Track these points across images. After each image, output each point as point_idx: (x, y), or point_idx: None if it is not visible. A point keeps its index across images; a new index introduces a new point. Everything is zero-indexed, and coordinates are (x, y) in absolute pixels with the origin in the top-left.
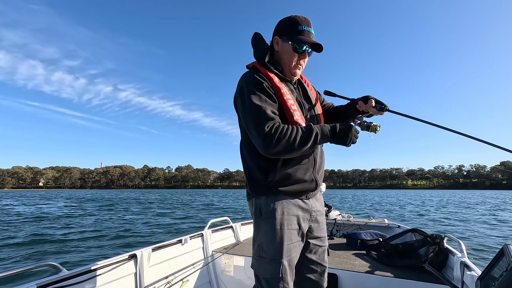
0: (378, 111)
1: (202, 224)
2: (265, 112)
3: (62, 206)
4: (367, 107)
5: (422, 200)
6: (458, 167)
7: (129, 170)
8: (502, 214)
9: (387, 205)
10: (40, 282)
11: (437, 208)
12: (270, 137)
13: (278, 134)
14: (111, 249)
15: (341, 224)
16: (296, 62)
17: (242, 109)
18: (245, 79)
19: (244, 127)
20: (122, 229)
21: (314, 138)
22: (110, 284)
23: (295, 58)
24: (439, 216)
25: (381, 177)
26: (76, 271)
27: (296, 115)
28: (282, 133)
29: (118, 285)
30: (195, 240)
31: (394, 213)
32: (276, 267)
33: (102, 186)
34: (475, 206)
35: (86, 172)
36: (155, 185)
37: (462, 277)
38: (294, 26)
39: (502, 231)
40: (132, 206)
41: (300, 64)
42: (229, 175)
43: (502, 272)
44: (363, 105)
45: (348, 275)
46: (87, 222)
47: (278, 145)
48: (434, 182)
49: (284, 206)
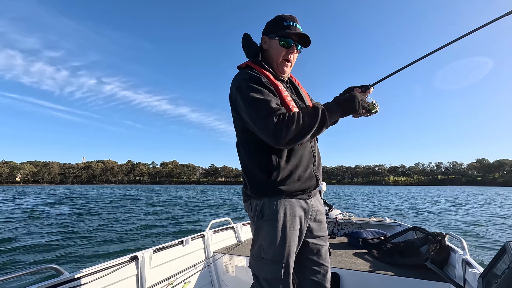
0: (366, 92)
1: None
2: (270, 105)
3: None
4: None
5: (415, 197)
6: (437, 164)
7: (112, 165)
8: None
9: (385, 203)
10: (41, 285)
11: (430, 204)
12: (280, 127)
13: (286, 121)
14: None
15: (342, 223)
16: (284, 58)
17: (244, 106)
18: (242, 77)
19: (250, 123)
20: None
21: (322, 114)
22: (111, 286)
23: (283, 53)
24: (437, 212)
25: (364, 173)
26: (78, 274)
27: (295, 110)
28: (290, 119)
29: (120, 287)
30: (196, 241)
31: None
32: (278, 268)
33: (83, 181)
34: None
35: (67, 167)
36: (139, 181)
37: (464, 274)
38: (280, 23)
39: (501, 228)
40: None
41: (289, 60)
42: (215, 171)
43: (504, 269)
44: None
45: (350, 274)
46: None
47: (289, 131)
48: (414, 178)
49: (287, 207)
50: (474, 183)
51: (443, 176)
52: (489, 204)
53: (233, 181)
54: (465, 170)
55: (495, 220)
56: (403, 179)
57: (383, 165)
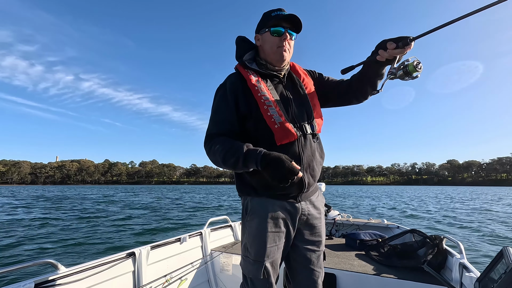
0: (404, 48)
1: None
2: (214, 122)
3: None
4: (390, 51)
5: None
6: (411, 164)
7: (88, 164)
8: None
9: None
10: (38, 280)
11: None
12: (206, 145)
13: (209, 143)
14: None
15: (340, 224)
16: (278, 45)
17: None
18: (224, 80)
19: None
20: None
21: (236, 158)
22: (108, 282)
23: (276, 41)
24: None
25: (343, 173)
26: (74, 269)
27: (271, 110)
28: (212, 144)
29: (116, 283)
30: (194, 238)
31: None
32: (258, 268)
33: (56, 181)
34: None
35: (38, 166)
36: (116, 181)
37: (461, 278)
38: (267, 16)
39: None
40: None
41: (284, 47)
42: (196, 170)
43: (501, 274)
44: (384, 53)
45: (347, 275)
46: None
47: (209, 154)
48: (390, 178)
49: (268, 208)
50: (445, 183)
51: (417, 176)
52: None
53: (214, 181)
54: (437, 170)
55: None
56: (380, 179)
57: (361, 165)
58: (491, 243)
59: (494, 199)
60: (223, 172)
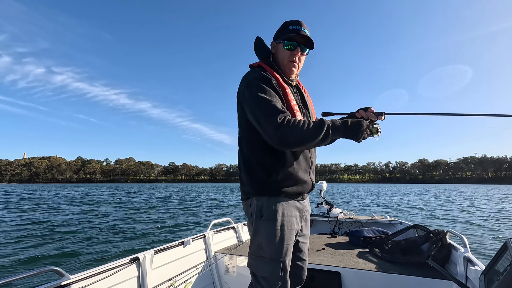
0: (377, 116)
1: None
2: (276, 106)
3: None
4: (368, 113)
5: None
6: (386, 163)
7: (59, 162)
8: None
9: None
10: (43, 287)
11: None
12: (283, 128)
13: (291, 124)
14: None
15: (343, 222)
16: (289, 60)
17: (251, 103)
18: (253, 75)
19: (253, 121)
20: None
21: (326, 129)
22: (113, 287)
23: (287, 55)
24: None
25: (321, 171)
26: (79, 276)
27: (298, 115)
28: (295, 124)
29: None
30: (197, 241)
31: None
32: (276, 266)
33: (24, 180)
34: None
35: (3, 163)
36: (90, 179)
37: (466, 272)
38: (285, 27)
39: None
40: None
41: (294, 62)
42: (175, 168)
43: (506, 266)
44: (363, 113)
45: (351, 273)
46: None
47: (291, 135)
48: (366, 176)
49: (285, 208)
50: (416, 181)
51: (391, 175)
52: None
53: (193, 179)
54: (409, 169)
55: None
56: (356, 177)
57: (339, 164)
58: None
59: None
60: (202, 170)
